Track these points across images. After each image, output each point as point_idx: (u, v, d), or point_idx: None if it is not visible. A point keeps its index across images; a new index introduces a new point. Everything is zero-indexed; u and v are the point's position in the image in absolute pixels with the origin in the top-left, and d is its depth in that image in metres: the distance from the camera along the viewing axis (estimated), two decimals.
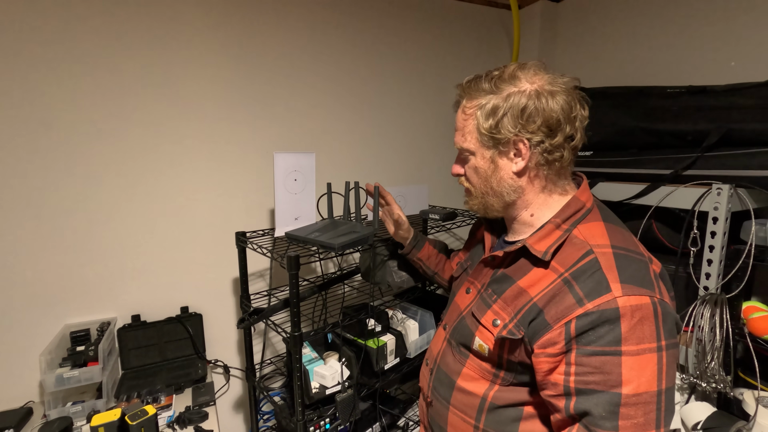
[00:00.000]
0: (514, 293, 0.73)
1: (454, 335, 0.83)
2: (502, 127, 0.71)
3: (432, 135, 1.96)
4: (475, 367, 0.78)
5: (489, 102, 0.72)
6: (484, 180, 0.78)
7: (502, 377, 0.74)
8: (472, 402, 0.77)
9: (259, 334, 1.61)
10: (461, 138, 0.79)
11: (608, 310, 0.60)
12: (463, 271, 0.93)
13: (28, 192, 1.22)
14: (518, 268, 0.75)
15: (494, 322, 0.73)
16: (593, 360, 0.60)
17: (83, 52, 1.23)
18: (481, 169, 0.77)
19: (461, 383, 0.79)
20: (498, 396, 0.74)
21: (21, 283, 1.24)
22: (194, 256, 1.48)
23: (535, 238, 0.73)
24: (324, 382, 1.21)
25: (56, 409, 1.13)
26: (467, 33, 1.98)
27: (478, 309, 0.79)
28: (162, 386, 1.29)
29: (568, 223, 0.72)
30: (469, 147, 0.77)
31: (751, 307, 1.12)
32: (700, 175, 1.14)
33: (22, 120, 1.19)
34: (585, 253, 0.67)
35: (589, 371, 0.61)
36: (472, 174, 0.80)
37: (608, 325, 0.60)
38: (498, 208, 0.79)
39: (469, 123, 0.76)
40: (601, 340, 0.60)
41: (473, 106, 0.75)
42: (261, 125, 1.53)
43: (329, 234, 1.14)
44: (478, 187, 0.80)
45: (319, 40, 1.60)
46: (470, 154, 0.78)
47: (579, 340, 0.62)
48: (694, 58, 1.52)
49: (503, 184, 0.76)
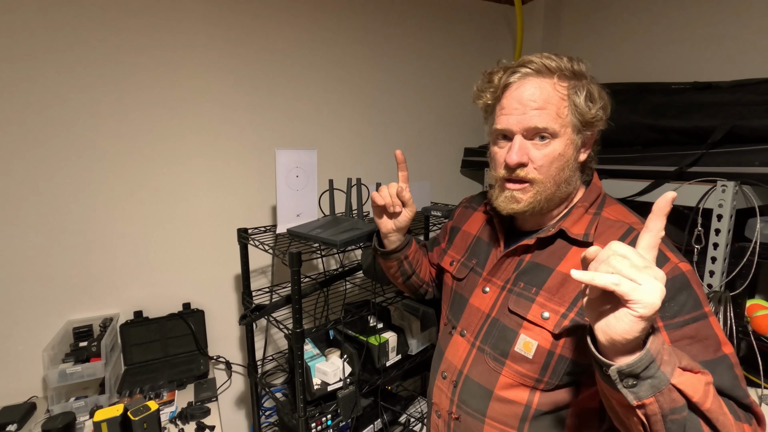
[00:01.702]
0: (557, 281, 0.69)
1: (488, 340, 0.76)
2: (596, 112, 0.69)
3: (434, 131, 1.95)
4: (513, 373, 0.72)
5: (583, 86, 0.69)
6: (563, 168, 0.70)
7: (546, 381, 0.69)
8: (515, 411, 0.71)
9: (260, 331, 1.61)
10: (548, 117, 0.67)
11: (677, 276, 0.60)
12: (470, 271, 0.86)
13: (32, 190, 1.22)
14: (551, 254, 0.72)
15: (543, 315, 0.69)
16: (686, 330, 0.59)
17: (84, 51, 1.23)
18: (564, 156, 0.69)
19: (500, 392, 0.73)
20: (543, 402, 0.70)
21: (25, 279, 1.24)
22: (196, 253, 1.48)
23: (569, 222, 0.72)
24: (326, 378, 1.21)
25: (59, 405, 1.14)
26: (470, 29, 1.97)
27: (517, 305, 0.72)
28: (164, 382, 1.29)
29: (594, 207, 0.74)
30: (557, 129, 0.68)
31: (755, 304, 1.12)
32: (705, 172, 1.13)
33: (26, 119, 1.19)
34: (628, 230, 0.68)
35: (687, 344, 0.58)
36: (547, 161, 0.69)
37: (684, 291, 0.60)
38: (557, 201, 0.74)
39: (563, 103, 0.68)
40: (684, 308, 0.59)
41: (567, 86, 0.69)
42: (263, 122, 1.53)
43: (331, 231, 1.14)
44: (550, 177, 0.70)
45: (322, 36, 1.59)
46: (552, 138, 0.69)
47: (663, 316, 0.59)
48: (698, 54, 1.50)
49: (574, 175, 0.73)
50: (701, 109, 1.17)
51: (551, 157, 0.69)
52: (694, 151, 1.15)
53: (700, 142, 1.16)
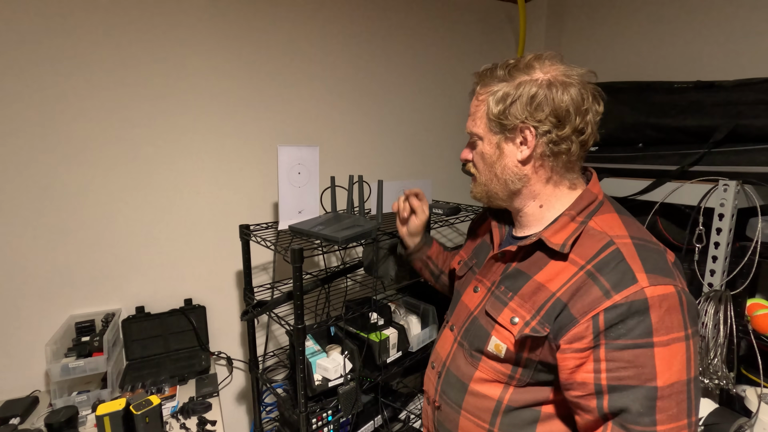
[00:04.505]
0: (531, 289, 0.71)
1: (466, 337, 0.81)
2: (510, 114, 0.71)
3: (436, 129, 1.95)
4: (488, 369, 0.75)
5: (501, 89, 0.73)
6: (490, 166, 0.78)
7: (518, 378, 0.72)
8: (487, 405, 0.75)
9: (262, 327, 1.62)
10: (472, 123, 0.79)
11: (637, 302, 0.59)
12: (468, 270, 0.91)
13: (34, 186, 1.22)
14: (533, 263, 0.74)
15: (512, 320, 0.71)
16: (625, 354, 0.59)
17: (85, 50, 1.23)
18: (487, 154, 0.78)
19: (474, 387, 0.77)
20: (514, 398, 0.73)
21: (27, 274, 1.25)
22: (198, 249, 1.49)
23: (550, 231, 0.72)
24: (327, 374, 1.21)
25: (62, 399, 1.15)
26: (473, 27, 1.97)
27: (492, 308, 0.76)
28: (166, 377, 1.30)
29: (583, 215, 0.71)
30: (477, 132, 0.78)
31: (755, 304, 1.12)
32: (707, 171, 1.13)
33: (27, 115, 1.19)
34: (606, 244, 0.66)
35: (622, 366, 0.59)
36: (478, 160, 0.81)
37: (638, 316, 0.59)
38: (502, 196, 0.79)
39: (481, 108, 0.77)
40: (631, 332, 0.59)
41: (486, 92, 0.75)
42: (265, 118, 1.53)
43: (333, 227, 1.14)
44: (483, 173, 0.81)
45: (324, 33, 1.59)
46: (478, 139, 0.79)
47: (608, 335, 0.60)
48: (701, 52, 1.50)
49: (507, 172, 0.76)
50: (703, 109, 1.17)
51: (478, 155, 0.80)
52: (696, 150, 1.15)
53: (702, 141, 1.16)
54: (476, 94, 0.79)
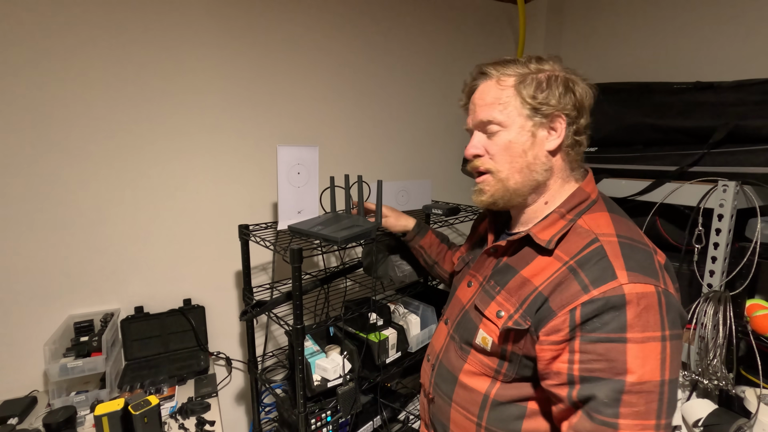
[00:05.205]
0: (517, 283, 0.72)
1: (458, 330, 0.82)
2: (547, 99, 0.71)
3: (435, 130, 1.95)
4: (476, 363, 0.77)
5: (532, 74, 0.72)
6: (519, 156, 0.73)
7: (503, 373, 0.73)
8: (475, 398, 0.76)
9: (261, 327, 1.61)
10: (489, 111, 0.73)
11: (614, 297, 0.60)
12: (465, 265, 0.93)
13: (33, 185, 1.22)
14: (521, 258, 0.75)
15: (498, 314, 0.73)
16: (598, 347, 0.60)
17: (86, 48, 1.23)
18: (517, 143, 0.72)
19: (463, 379, 0.78)
20: (500, 393, 0.74)
21: (26, 274, 1.24)
22: (197, 249, 1.48)
23: (539, 227, 0.73)
24: (326, 374, 1.21)
25: (60, 399, 1.14)
26: (472, 27, 1.97)
27: (481, 301, 0.78)
28: (165, 377, 1.30)
29: (573, 213, 0.72)
30: (500, 119, 0.73)
31: (754, 304, 1.12)
32: (706, 171, 1.13)
33: (25, 114, 1.19)
34: (590, 242, 0.67)
35: (594, 358, 0.60)
36: (500, 152, 0.74)
37: (614, 311, 0.59)
38: (524, 191, 0.75)
39: (506, 93, 0.72)
40: (606, 327, 0.60)
41: (513, 74, 0.73)
42: (264, 118, 1.53)
43: (332, 227, 1.14)
44: (505, 167, 0.74)
45: (324, 33, 1.59)
46: (501, 128, 0.73)
47: (583, 328, 0.61)
48: (701, 53, 1.50)
49: (537, 162, 0.73)
50: (703, 109, 1.17)
51: (502, 144, 0.74)
52: (696, 151, 1.15)
53: (701, 141, 1.16)
54: (496, 79, 0.74)
